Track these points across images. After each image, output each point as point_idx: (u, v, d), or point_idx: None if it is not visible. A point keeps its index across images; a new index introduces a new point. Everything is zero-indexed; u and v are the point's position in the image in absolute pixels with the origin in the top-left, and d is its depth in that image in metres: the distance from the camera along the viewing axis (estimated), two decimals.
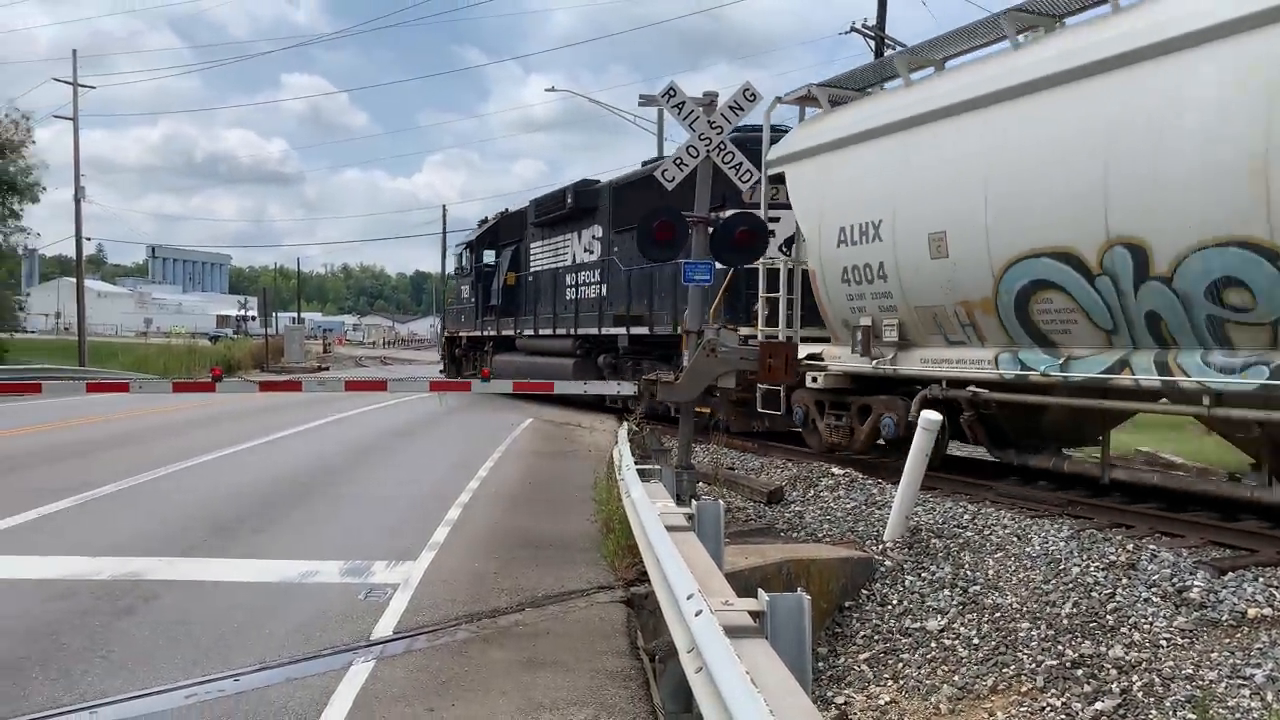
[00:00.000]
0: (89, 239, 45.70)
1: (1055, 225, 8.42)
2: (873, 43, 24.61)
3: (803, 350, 11.73)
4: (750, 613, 3.82)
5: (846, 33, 24.87)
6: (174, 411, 19.42)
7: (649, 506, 6.19)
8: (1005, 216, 8.82)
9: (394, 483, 11.40)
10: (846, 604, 7.53)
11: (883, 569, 7.82)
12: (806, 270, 12.06)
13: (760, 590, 3.91)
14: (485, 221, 28.17)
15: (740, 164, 8.95)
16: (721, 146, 8.86)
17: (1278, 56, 6.77)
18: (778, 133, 12.78)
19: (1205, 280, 7.31)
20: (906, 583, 7.56)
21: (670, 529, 5.50)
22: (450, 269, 33.75)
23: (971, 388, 9.61)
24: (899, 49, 9.64)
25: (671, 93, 8.78)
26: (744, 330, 13.02)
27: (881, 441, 11.21)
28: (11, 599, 6.27)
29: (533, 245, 24.28)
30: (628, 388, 14.64)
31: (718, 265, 9.74)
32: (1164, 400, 8.44)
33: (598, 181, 21.11)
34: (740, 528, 9.24)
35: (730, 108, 8.80)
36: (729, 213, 9.94)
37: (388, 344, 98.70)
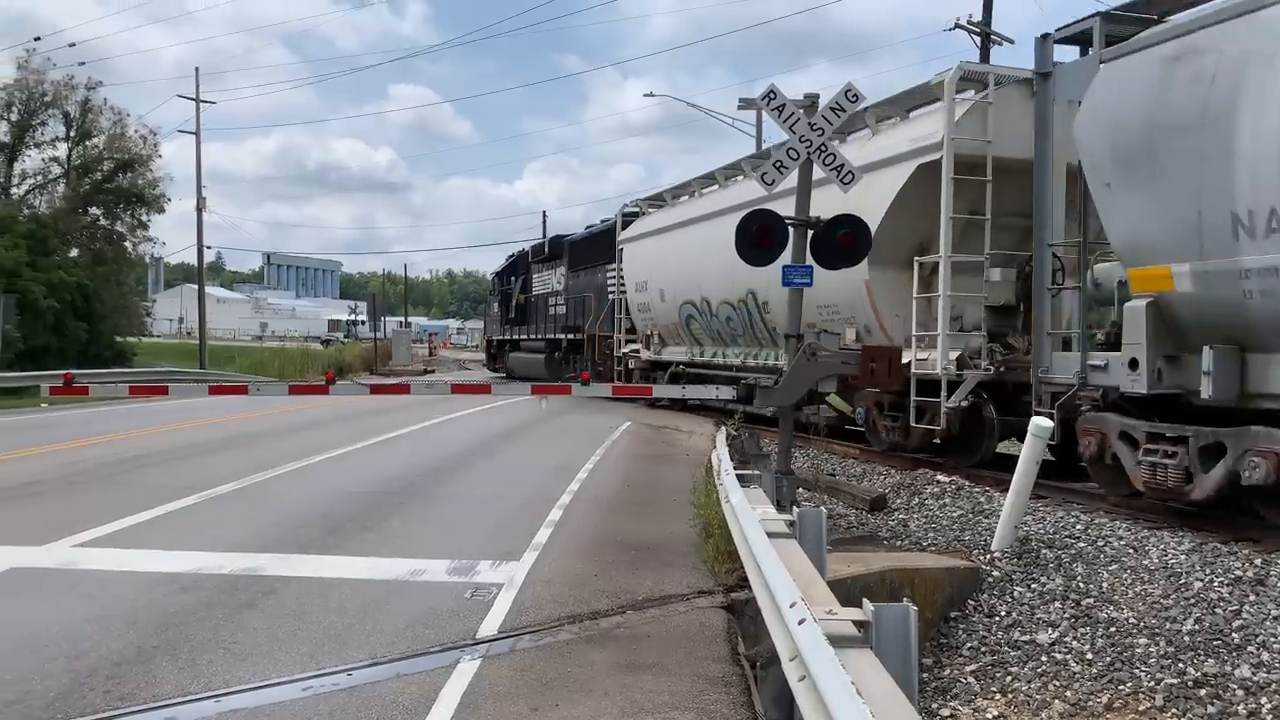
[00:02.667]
0: (209, 247, 47.91)
1: (690, 287, 19.59)
2: (978, 39, 24.00)
3: (628, 347, 24.00)
4: (854, 622, 3.78)
5: (951, 29, 24.35)
6: (288, 413, 20.18)
7: (749, 512, 6.17)
8: (678, 282, 20.21)
9: (497, 485, 11.63)
10: (952, 614, 7.36)
11: (990, 579, 7.62)
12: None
13: (865, 600, 3.87)
14: (511, 257, 39.95)
15: (841, 166, 8.83)
16: (822, 149, 8.75)
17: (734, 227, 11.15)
18: (629, 217, 24.57)
19: (725, 314, 18.14)
20: (1015, 594, 7.35)
21: (771, 535, 5.47)
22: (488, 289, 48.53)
23: (682, 365, 20.66)
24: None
25: (771, 96, 8.71)
26: (618, 336, 24.74)
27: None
28: (142, 591, 6.62)
29: (534, 276, 34.97)
30: (726, 392, 14.80)
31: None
32: (735, 370, 17.83)
33: (565, 236, 32.84)
34: (841, 535, 9.12)
35: (832, 109, 8.67)
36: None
37: None
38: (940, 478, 10.94)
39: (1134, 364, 8.51)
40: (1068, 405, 9.55)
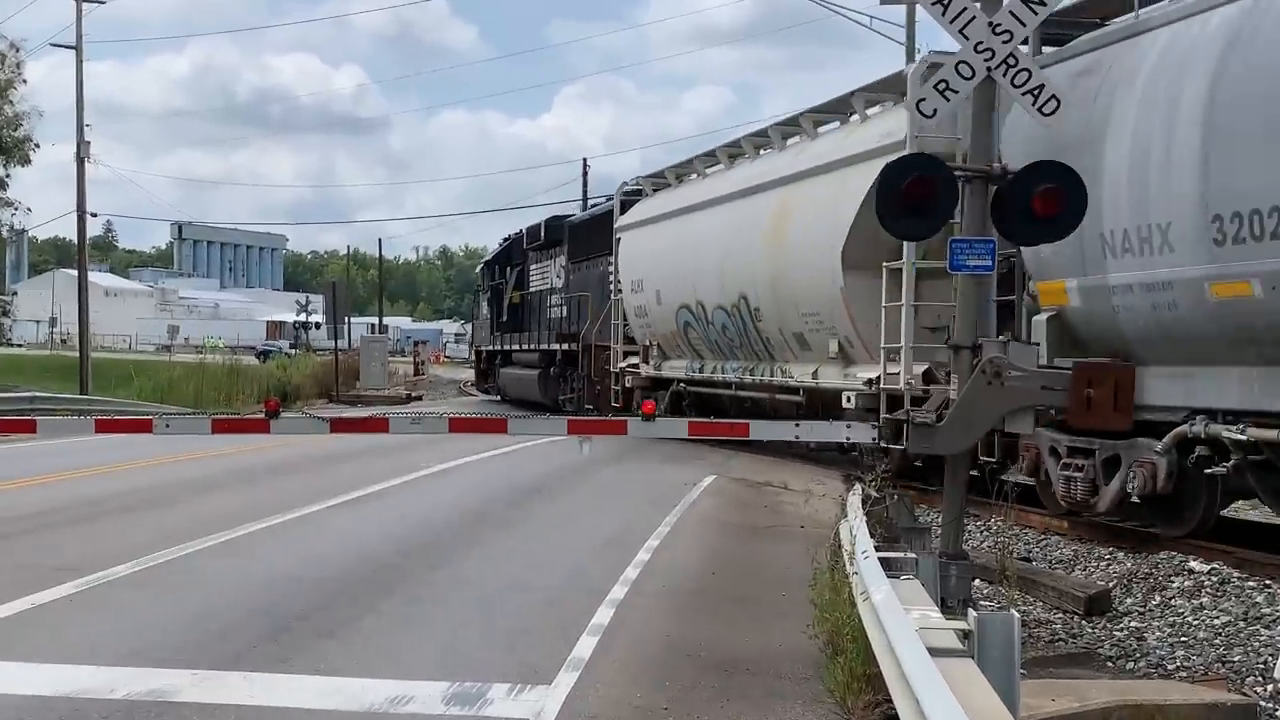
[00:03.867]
0: (94, 214, 48.60)
1: (685, 288, 23.79)
2: None
3: (626, 360, 27.79)
4: None
5: None
6: (211, 458, 20.52)
7: (900, 616, 6.12)
8: (673, 281, 24.14)
9: (518, 566, 11.69)
10: None
11: None
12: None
13: None
14: (506, 240, 44.15)
15: (1039, 88, 8.77)
16: (1010, 62, 8.69)
17: (727, 218, 22.30)
18: (630, 198, 28.02)
19: (721, 321, 22.70)
20: None
21: (935, 652, 5.42)
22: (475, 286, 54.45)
23: (682, 383, 24.76)
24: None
25: None
26: (616, 347, 28.21)
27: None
28: None
29: (531, 267, 38.64)
30: (860, 431, 14.72)
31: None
32: (734, 388, 22.91)
33: (565, 218, 36.97)
34: (1042, 651, 9.09)
35: (1024, 3, 8.63)
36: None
37: None
38: (1194, 565, 10.76)
39: None
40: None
